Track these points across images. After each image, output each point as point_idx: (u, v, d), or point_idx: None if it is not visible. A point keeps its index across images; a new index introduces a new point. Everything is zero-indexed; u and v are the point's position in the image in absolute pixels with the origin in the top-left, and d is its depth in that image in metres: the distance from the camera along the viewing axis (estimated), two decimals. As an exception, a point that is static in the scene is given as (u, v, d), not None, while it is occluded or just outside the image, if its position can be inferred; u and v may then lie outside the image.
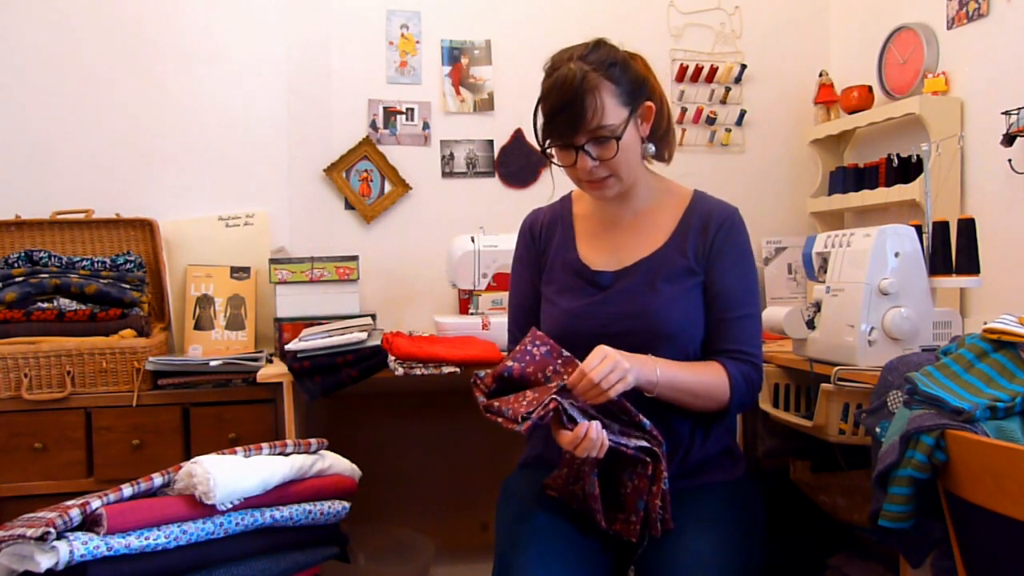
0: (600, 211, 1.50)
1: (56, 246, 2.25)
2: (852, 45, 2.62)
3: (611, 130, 1.32)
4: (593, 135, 1.32)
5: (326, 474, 1.48)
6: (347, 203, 2.50)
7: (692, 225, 1.43)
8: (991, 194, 2.04)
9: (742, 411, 1.41)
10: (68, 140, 2.35)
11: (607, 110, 1.31)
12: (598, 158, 1.34)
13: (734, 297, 1.39)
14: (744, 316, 1.40)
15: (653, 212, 1.47)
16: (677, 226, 1.44)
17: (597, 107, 1.30)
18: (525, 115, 2.58)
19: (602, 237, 1.47)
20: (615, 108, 1.32)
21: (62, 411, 1.95)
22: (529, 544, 1.25)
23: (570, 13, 2.60)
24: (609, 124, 1.32)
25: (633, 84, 1.36)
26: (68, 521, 1.15)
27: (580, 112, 1.30)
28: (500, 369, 1.32)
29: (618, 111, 1.33)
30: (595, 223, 1.49)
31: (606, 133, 1.32)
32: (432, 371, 1.84)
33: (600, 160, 1.34)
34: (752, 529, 1.37)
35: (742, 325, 1.39)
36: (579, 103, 1.29)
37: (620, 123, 1.33)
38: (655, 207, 1.47)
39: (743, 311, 1.40)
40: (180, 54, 2.40)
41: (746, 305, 1.40)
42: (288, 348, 1.87)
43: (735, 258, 1.41)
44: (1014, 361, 1.14)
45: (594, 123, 1.31)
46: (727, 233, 1.41)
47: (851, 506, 1.77)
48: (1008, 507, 0.90)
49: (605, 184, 1.38)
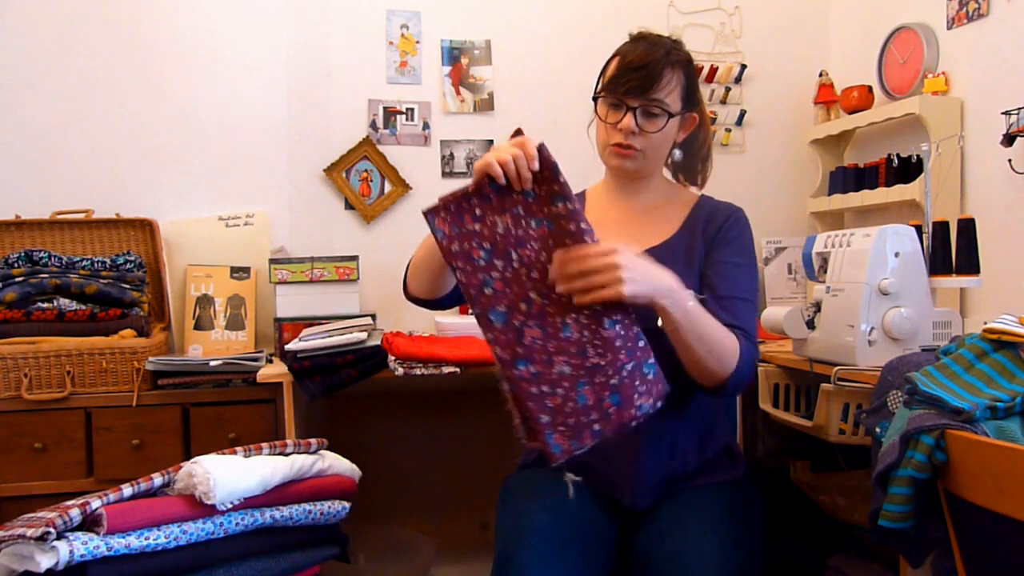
0: (611, 205, 1.51)
1: (56, 246, 2.25)
2: (852, 45, 2.62)
3: (667, 108, 1.38)
4: (650, 104, 1.37)
5: (326, 474, 1.48)
6: (347, 203, 2.50)
7: (700, 218, 1.46)
8: (991, 194, 2.04)
9: (740, 387, 1.33)
10: (68, 140, 2.35)
11: (672, 91, 1.38)
12: (642, 127, 1.38)
13: (736, 279, 1.39)
14: (744, 299, 1.39)
15: (661, 207, 1.50)
16: (685, 220, 1.47)
17: (669, 82, 1.37)
18: (525, 115, 2.61)
19: (611, 228, 1.48)
20: (676, 95, 1.40)
21: (62, 411, 1.95)
22: (529, 544, 1.25)
23: (570, 13, 2.60)
24: (668, 103, 1.38)
25: (693, 90, 1.44)
26: (68, 521, 1.15)
27: (656, 77, 1.36)
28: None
29: (676, 100, 1.40)
30: (605, 216, 1.50)
31: (661, 109, 1.38)
32: (432, 371, 1.84)
33: (643, 130, 1.39)
34: (752, 529, 1.37)
35: (743, 306, 1.38)
36: (658, 69, 1.36)
37: (675, 110, 1.40)
38: (663, 203, 1.50)
39: (743, 294, 1.39)
40: (180, 54, 2.40)
41: (747, 291, 1.40)
42: (288, 348, 1.87)
43: (739, 248, 1.43)
44: (1014, 361, 1.14)
45: (659, 94, 1.37)
46: (733, 224, 1.45)
47: (851, 506, 1.77)
48: (1008, 507, 0.90)
49: (631, 155, 1.41)
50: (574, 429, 1.13)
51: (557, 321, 1.14)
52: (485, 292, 1.14)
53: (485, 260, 1.14)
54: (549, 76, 2.60)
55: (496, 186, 1.12)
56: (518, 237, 1.14)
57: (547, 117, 2.61)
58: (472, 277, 1.14)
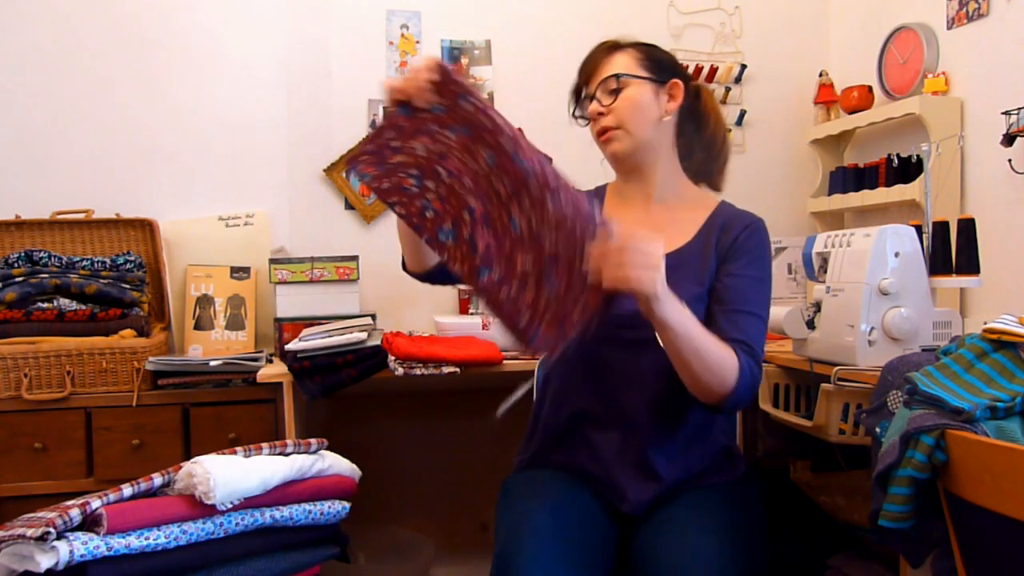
0: (627, 204, 1.51)
1: (56, 246, 2.25)
2: (852, 45, 2.62)
3: (621, 76, 1.41)
4: (605, 82, 1.42)
5: (326, 474, 1.47)
6: (347, 203, 2.50)
7: (716, 226, 1.43)
8: (991, 194, 2.04)
9: (739, 406, 1.30)
10: (68, 140, 2.35)
11: (627, 65, 1.42)
12: (606, 104, 1.42)
13: (747, 293, 1.37)
14: (754, 314, 1.36)
15: (678, 211, 1.47)
16: (700, 228, 1.44)
17: (618, 60, 1.43)
18: (525, 115, 2.60)
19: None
20: (633, 65, 1.42)
21: (62, 411, 1.95)
22: (528, 544, 1.24)
23: (570, 13, 2.60)
24: (623, 72, 1.41)
25: (660, 61, 1.45)
26: (68, 521, 1.15)
27: (597, 61, 1.44)
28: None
29: (635, 68, 1.42)
30: (621, 216, 1.49)
31: (615, 80, 1.41)
32: (432, 371, 1.84)
33: (608, 107, 1.42)
34: (753, 529, 1.37)
35: (751, 322, 1.35)
36: (597, 58, 1.45)
37: (637, 74, 1.41)
38: (680, 206, 1.47)
39: (754, 309, 1.36)
40: (180, 54, 2.40)
41: (757, 305, 1.37)
42: (288, 348, 1.87)
43: (754, 259, 1.40)
44: (1014, 361, 1.14)
45: (607, 72, 1.42)
46: (751, 234, 1.41)
47: (851, 506, 1.77)
48: (1008, 507, 0.90)
49: (613, 135, 1.43)
50: (557, 319, 1.12)
51: (504, 218, 1.13)
52: (427, 216, 1.17)
53: (417, 185, 1.16)
54: (549, 76, 2.60)
55: (406, 111, 1.13)
56: (440, 152, 1.14)
57: (547, 117, 2.60)
58: (411, 207, 1.17)
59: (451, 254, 1.16)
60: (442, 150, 1.14)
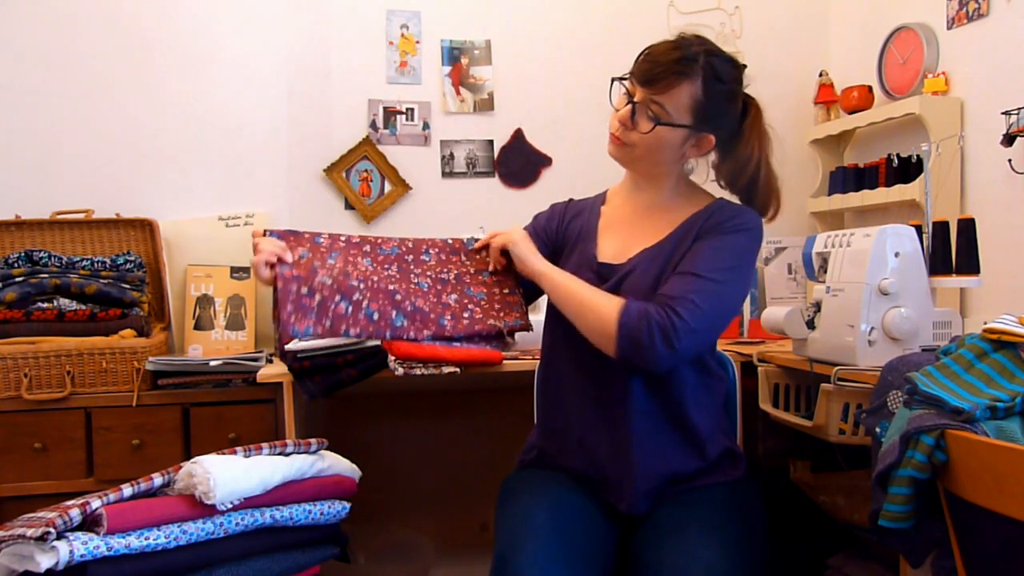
0: (626, 202, 1.51)
1: (56, 246, 2.25)
2: (852, 45, 2.62)
3: (664, 112, 1.34)
4: (649, 103, 1.34)
5: (326, 474, 1.47)
6: (347, 203, 2.50)
7: (703, 217, 1.40)
8: (991, 194, 2.04)
9: (639, 354, 1.25)
10: (68, 140, 2.35)
11: (675, 100, 1.34)
12: (631, 120, 1.37)
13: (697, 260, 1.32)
14: (694, 275, 1.29)
15: (668, 210, 1.45)
16: (684, 221, 1.41)
17: (678, 90, 1.33)
18: (525, 115, 2.61)
19: (616, 230, 1.48)
20: (683, 107, 1.34)
21: (62, 411, 1.95)
22: (528, 544, 1.24)
23: (570, 13, 2.60)
24: (664, 109, 1.34)
25: (713, 110, 1.36)
26: (68, 521, 1.15)
27: (661, 76, 1.33)
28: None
29: (682, 111, 1.35)
30: (618, 213, 1.50)
31: (657, 111, 1.34)
32: (432, 371, 1.83)
33: (635, 127, 1.37)
34: (753, 530, 1.37)
35: (687, 280, 1.29)
36: (667, 71, 1.32)
37: (676, 120, 1.35)
38: (671, 206, 1.45)
39: (698, 271, 1.30)
40: (180, 54, 2.40)
41: (705, 268, 1.30)
42: (288, 348, 1.86)
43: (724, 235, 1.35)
44: (1014, 361, 1.14)
45: (660, 96, 1.33)
46: (735, 226, 1.37)
47: (851, 506, 1.77)
48: (1008, 507, 0.90)
49: (620, 143, 1.40)
50: (497, 305, 1.56)
51: (412, 283, 1.56)
52: (374, 318, 1.45)
53: (346, 303, 1.41)
54: (549, 76, 2.60)
55: (284, 268, 1.39)
56: (341, 271, 1.42)
57: (547, 117, 2.61)
58: (360, 321, 1.44)
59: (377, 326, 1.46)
60: (340, 270, 1.41)
